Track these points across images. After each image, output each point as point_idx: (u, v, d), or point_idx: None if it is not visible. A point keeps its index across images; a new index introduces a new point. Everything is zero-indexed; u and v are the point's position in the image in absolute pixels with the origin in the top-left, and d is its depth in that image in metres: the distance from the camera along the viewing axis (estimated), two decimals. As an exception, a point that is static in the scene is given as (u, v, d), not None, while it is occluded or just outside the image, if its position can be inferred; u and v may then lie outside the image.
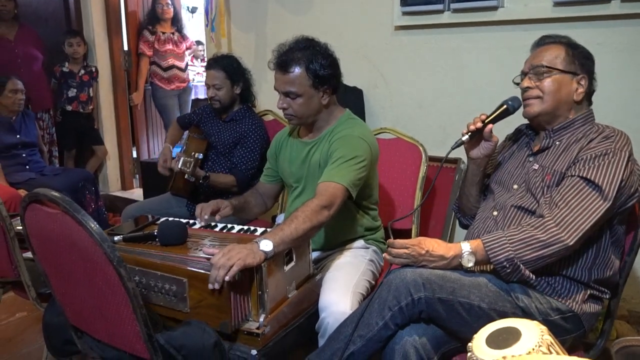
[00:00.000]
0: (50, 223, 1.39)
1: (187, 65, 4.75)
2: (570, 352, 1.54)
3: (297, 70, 1.85)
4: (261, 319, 1.53)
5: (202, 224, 1.93)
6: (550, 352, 0.98)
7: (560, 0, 2.29)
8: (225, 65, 2.66)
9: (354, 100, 2.90)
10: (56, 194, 1.34)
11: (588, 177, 1.48)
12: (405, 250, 1.55)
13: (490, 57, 2.56)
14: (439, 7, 2.60)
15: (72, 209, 1.30)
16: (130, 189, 4.80)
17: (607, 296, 1.63)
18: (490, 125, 1.68)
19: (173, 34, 4.61)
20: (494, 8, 2.47)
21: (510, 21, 2.47)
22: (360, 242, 2.02)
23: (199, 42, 5.28)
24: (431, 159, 2.53)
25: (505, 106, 1.70)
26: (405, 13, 2.72)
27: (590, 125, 1.61)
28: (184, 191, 2.78)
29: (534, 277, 1.51)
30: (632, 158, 1.53)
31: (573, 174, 1.52)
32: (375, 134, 2.41)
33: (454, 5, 2.56)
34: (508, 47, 2.50)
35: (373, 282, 1.90)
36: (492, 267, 1.53)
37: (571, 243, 1.45)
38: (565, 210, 1.47)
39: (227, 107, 2.72)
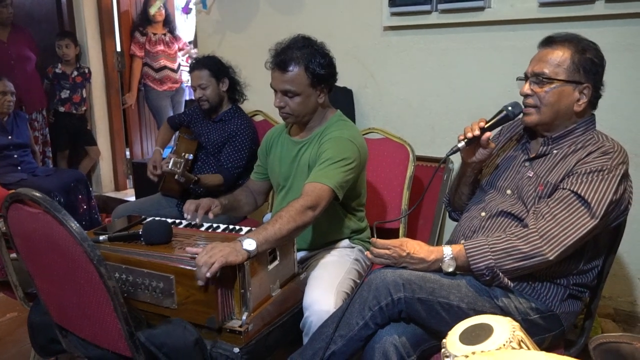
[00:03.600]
0: (32, 222, 1.40)
1: (179, 66, 4.76)
2: (550, 349, 1.55)
3: (296, 69, 1.86)
4: (244, 317, 1.54)
5: (189, 219, 1.94)
6: (521, 348, 0.99)
7: (545, 1, 2.31)
8: (208, 64, 2.69)
9: (344, 100, 2.92)
10: (37, 193, 1.35)
11: (579, 192, 1.46)
12: (387, 251, 1.56)
13: (477, 57, 2.58)
14: (427, 7, 2.62)
15: (53, 208, 1.31)
16: (124, 189, 4.81)
17: (587, 295, 1.64)
18: (488, 133, 1.63)
19: (165, 35, 4.62)
20: (481, 9, 2.49)
21: (497, 21, 2.48)
22: (345, 242, 2.03)
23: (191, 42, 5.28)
24: (420, 158, 2.55)
25: (504, 112, 1.64)
26: (393, 14, 2.74)
27: (590, 135, 1.56)
28: (175, 191, 2.79)
29: (512, 284, 1.52)
30: (626, 176, 1.51)
31: (565, 186, 1.49)
32: (364, 134, 2.42)
33: (441, 6, 2.58)
34: (495, 47, 2.52)
35: (358, 281, 1.91)
36: None
37: (551, 258, 1.44)
38: (551, 223, 1.46)
39: (216, 106, 2.73)
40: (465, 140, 1.64)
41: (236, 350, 1.49)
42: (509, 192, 1.65)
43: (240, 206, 2.20)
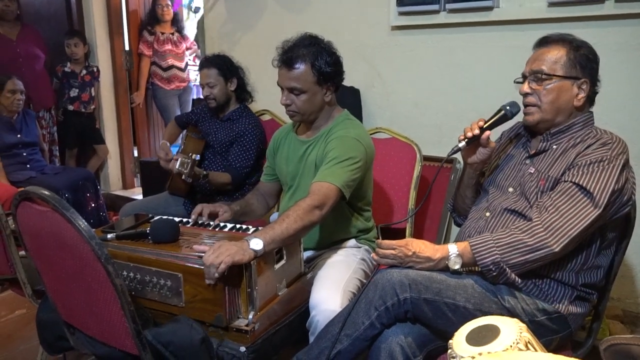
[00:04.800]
0: (41, 221, 1.41)
1: (187, 65, 4.77)
2: (557, 351, 1.55)
3: (302, 67, 1.87)
4: (250, 316, 1.54)
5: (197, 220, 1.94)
6: (528, 349, 0.99)
7: (554, 1, 2.29)
8: (217, 63, 2.69)
9: (351, 99, 2.92)
10: (45, 191, 1.36)
11: (580, 183, 1.47)
12: (392, 251, 1.56)
13: (485, 56, 2.57)
14: (435, 7, 2.61)
15: (61, 206, 1.32)
16: (132, 188, 4.83)
17: (595, 297, 1.63)
18: (488, 132, 1.65)
19: (172, 34, 4.64)
20: (489, 8, 2.48)
21: (506, 21, 2.47)
22: (352, 242, 2.03)
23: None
24: (428, 158, 2.54)
25: (503, 112, 1.67)
26: (401, 13, 2.73)
27: (589, 130, 1.58)
28: (182, 190, 2.80)
29: (519, 280, 1.52)
30: (627, 166, 1.52)
31: (566, 179, 1.51)
32: (371, 134, 2.42)
33: (449, 6, 2.57)
34: (503, 46, 2.50)
35: (365, 281, 1.90)
36: (479, 268, 1.54)
37: (557, 249, 1.44)
38: (554, 215, 1.46)
39: (223, 105, 2.74)
40: (466, 140, 1.66)
41: (242, 349, 1.50)
42: (511, 189, 1.66)
43: (253, 210, 2.19)
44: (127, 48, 4.69)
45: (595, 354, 1.51)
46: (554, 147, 1.60)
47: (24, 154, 3.60)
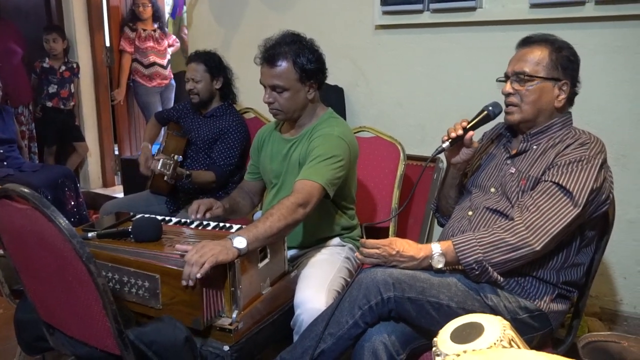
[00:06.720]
0: (20, 219, 1.38)
1: (168, 62, 4.73)
2: (538, 348, 1.56)
3: (284, 64, 1.86)
4: (234, 315, 1.54)
5: (197, 219, 1.91)
6: (511, 346, 1.00)
7: (536, 2, 2.32)
8: (206, 59, 2.69)
9: (335, 98, 2.92)
10: (26, 189, 1.33)
11: (560, 182, 1.50)
12: (377, 251, 1.57)
13: (468, 56, 2.59)
14: (419, 7, 2.63)
15: (42, 204, 1.29)
16: (112, 186, 4.77)
17: (575, 295, 1.66)
18: (471, 132, 1.67)
19: (154, 31, 4.59)
20: (473, 9, 2.50)
21: (488, 22, 2.50)
22: (336, 240, 2.03)
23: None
24: (411, 157, 2.55)
25: (486, 112, 1.70)
26: (385, 12, 2.74)
27: (567, 130, 1.61)
28: (164, 189, 2.77)
29: (502, 279, 1.53)
30: (605, 165, 1.54)
31: (546, 179, 1.53)
32: (355, 133, 2.41)
33: (433, 6, 2.59)
34: (486, 47, 2.53)
35: (349, 280, 1.90)
36: (462, 267, 1.55)
37: (538, 248, 1.46)
38: (535, 214, 1.48)
39: (205, 101, 2.72)
40: (449, 140, 1.68)
41: (226, 348, 1.49)
42: (492, 190, 1.68)
43: (240, 208, 2.17)
44: (107, 44, 4.63)
45: (575, 351, 1.54)
46: (534, 147, 1.63)
47: (1, 151, 3.53)
